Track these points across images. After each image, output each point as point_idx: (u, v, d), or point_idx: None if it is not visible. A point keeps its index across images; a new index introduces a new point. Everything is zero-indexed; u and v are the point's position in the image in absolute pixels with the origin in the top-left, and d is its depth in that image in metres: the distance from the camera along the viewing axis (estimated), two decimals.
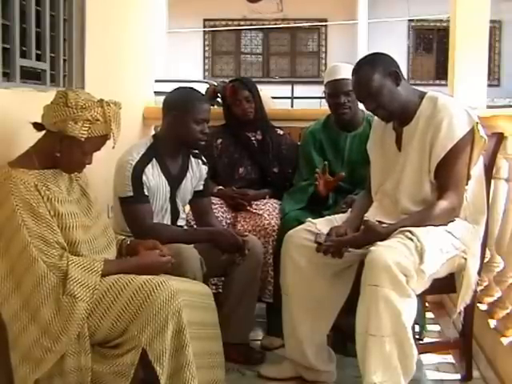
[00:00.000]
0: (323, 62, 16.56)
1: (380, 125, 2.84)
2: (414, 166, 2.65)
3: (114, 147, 2.28)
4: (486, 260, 3.06)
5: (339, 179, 3.25)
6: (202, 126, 2.89)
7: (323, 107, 3.79)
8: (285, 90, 12.67)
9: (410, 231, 2.44)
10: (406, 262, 2.36)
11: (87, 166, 2.33)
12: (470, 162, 2.63)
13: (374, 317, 2.35)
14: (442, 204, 2.55)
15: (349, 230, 2.66)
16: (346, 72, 3.23)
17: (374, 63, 2.63)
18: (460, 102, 2.74)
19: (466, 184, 2.64)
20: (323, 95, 3.45)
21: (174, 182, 2.97)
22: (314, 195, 3.29)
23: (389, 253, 2.36)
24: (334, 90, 3.29)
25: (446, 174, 2.58)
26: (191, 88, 3.03)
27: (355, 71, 2.67)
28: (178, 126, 2.89)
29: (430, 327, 3.49)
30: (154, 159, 2.89)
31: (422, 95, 2.68)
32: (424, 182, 2.63)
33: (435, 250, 2.43)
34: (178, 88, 3.03)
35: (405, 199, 2.66)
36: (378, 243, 2.43)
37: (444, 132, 2.56)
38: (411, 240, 2.41)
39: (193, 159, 3.06)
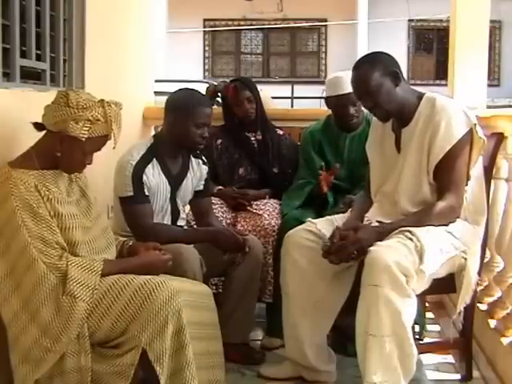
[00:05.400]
0: (323, 62, 16.56)
1: (379, 126, 2.84)
2: (412, 167, 2.65)
3: (114, 147, 2.29)
4: (486, 260, 3.06)
5: (335, 172, 3.26)
6: (202, 130, 2.89)
7: (323, 107, 3.79)
8: (285, 90, 12.67)
9: (409, 231, 2.44)
10: (405, 262, 2.36)
11: (87, 166, 2.33)
12: (469, 162, 2.63)
13: (373, 317, 2.35)
14: (441, 205, 2.55)
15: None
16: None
17: (374, 62, 2.63)
18: (458, 103, 2.74)
19: (466, 184, 2.64)
20: (323, 95, 3.45)
21: (175, 182, 2.97)
22: (313, 194, 3.30)
23: (389, 253, 2.36)
24: (342, 103, 3.30)
25: (445, 175, 2.58)
26: (194, 90, 3.02)
27: (355, 68, 2.67)
28: (178, 128, 2.89)
29: (430, 327, 3.50)
30: (154, 159, 2.89)
31: (421, 96, 2.68)
32: (423, 183, 2.63)
33: (435, 250, 2.43)
34: (181, 89, 3.02)
35: (404, 200, 2.66)
36: (378, 243, 2.43)
37: (442, 133, 2.56)
38: (411, 240, 2.41)
39: (193, 159, 3.06)
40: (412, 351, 2.40)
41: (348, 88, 3.25)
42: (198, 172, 3.07)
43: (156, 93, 4.52)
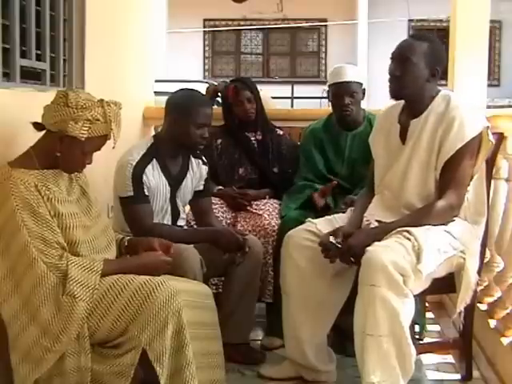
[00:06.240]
0: (323, 61, 16.53)
1: (385, 117, 2.85)
2: (420, 162, 2.65)
3: (114, 147, 2.29)
4: (485, 260, 3.06)
5: (332, 187, 3.26)
6: (202, 131, 2.89)
7: (323, 107, 3.81)
8: (285, 90, 12.66)
9: (407, 231, 2.44)
10: (402, 262, 2.36)
11: (87, 165, 2.33)
12: (475, 164, 2.63)
13: (371, 316, 2.35)
14: (440, 204, 2.55)
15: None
16: (351, 74, 3.28)
17: (431, 47, 2.64)
18: (472, 104, 2.75)
19: (468, 185, 2.64)
20: (323, 95, 3.47)
21: (175, 182, 2.97)
22: (311, 202, 3.30)
23: (385, 253, 2.36)
24: (339, 92, 3.31)
25: (449, 173, 2.58)
26: (194, 90, 3.02)
27: (415, 36, 2.76)
28: (178, 129, 2.89)
29: (430, 327, 3.49)
30: (154, 159, 2.89)
31: (438, 92, 2.70)
32: (429, 178, 2.64)
33: (433, 250, 2.43)
34: (181, 89, 3.03)
35: (410, 194, 2.66)
36: (376, 243, 2.44)
37: (455, 131, 2.57)
38: (409, 240, 2.41)
39: (193, 159, 3.06)
40: (410, 351, 2.40)
41: (347, 77, 3.28)
42: (197, 172, 3.07)
43: (156, 93, 4.52)
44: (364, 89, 3.37)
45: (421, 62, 2.61)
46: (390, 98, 2.73)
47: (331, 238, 2.58)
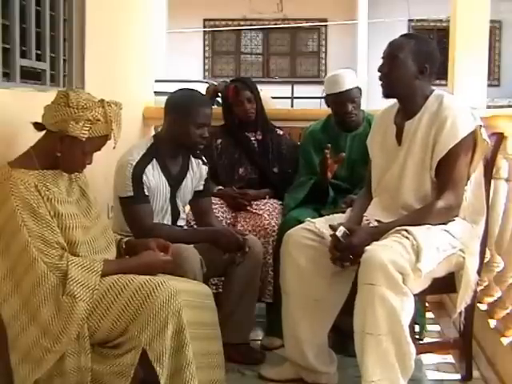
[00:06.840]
0: (323, 61, 16.53)
1: (382, 119, 2.86)
2: (415, 162, 2.66)
3: (114, 147, 2.29)
4: (486, 260, 3.06)
5: (340, 161, 3.25)
6: (201, 130, 2.89)
7: (323, 107, 3.80)
8: (285, 90, 12.66)
9: (406, 230, 2.45)
10: (401, 261, 2.36)
11: (87, 165, 2.33)
12: (471, 163, 2.64)
13: (370, 315, 2.35)
14: (439, 204, 2.56)
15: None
16: (349, 81, 3.30)
17: (420, 45, 2.66)
18: (465, 104, 2.75)
19: (466, 184, 2.64)
20: (323, 95, 3.46)
21: (175, 182, 2.97)
22: (316, 187, 3.30)
23: (384, 252, 2.36)
24: (341, 101, 3.31)
25: (445, 174, 2.59)
26: (194, 90, 3.03)
27: (405, 34, 2.79)
28: (178, 128, 2.89)
29: (430, 327, 3.49)
30: (154, 159, 2.89)
31: (431, 91, 2.70)
32: (425, 178, 2.64)
33: (432, 249, 2.43)
34: (181, 89, 3.03)
35: (407, 194, 2.67)
36: (375, 243, 2.44)
37: (447, 130, 2.58)
38: (407, 239, 2.42)
39: (193, 159, 3.06)
40: (409, 349, 2.39)
41: (346, 85, 3.28)
42: (197, 172, 3.07)
43: (156, 93, 4.52)
44: (360, 89, 3.37)
45: (408, 59, 2.63)
46: (382, 96, 2.73)
47: (340, 229, 2.55)
